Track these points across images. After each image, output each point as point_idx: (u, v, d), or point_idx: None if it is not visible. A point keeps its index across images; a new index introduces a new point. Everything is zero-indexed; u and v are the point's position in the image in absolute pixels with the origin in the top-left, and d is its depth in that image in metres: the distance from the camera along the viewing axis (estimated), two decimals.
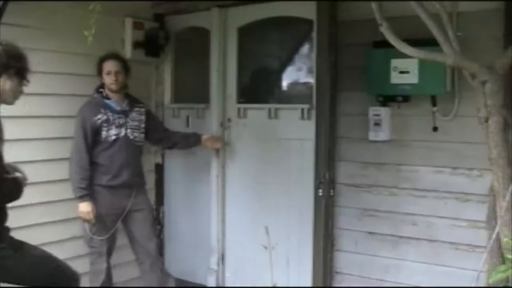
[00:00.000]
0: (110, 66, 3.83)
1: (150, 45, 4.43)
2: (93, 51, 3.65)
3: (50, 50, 3.78)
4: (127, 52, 4.31)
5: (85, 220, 3.70)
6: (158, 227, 4.69)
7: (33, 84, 3.66)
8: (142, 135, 3.95)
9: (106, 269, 3.79)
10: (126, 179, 3.83)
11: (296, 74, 4.39)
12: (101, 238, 3.76)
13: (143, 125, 3.95)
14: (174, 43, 4.65)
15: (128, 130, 3.81)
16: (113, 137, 3.75)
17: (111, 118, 3.76)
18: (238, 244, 4.37)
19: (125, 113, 3.84)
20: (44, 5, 3.68)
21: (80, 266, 3.94)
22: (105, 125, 3.73)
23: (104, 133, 3.72)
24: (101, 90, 3.83)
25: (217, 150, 4.35)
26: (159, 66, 4.65)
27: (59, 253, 3.85)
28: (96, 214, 3.71)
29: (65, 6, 3.78)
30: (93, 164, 3.73)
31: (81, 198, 3.66)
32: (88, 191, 3.68)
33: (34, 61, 3.67)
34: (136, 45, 4.34)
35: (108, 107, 3.78)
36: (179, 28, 4.64)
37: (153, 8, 4.55)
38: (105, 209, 3.76)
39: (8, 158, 3.56)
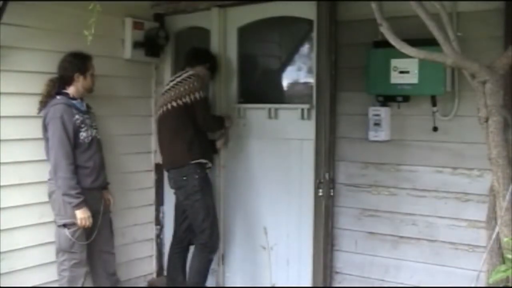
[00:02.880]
0: (93, 66, 3.73)
1: (150, 45, 4.42)
2: (93, 51, 3.65)
3: (50, 50, 3.77)
4: (127, 52, 4.31)
5: (83, 226, 3.54)
6: (158, 227, 4.70)
7: (33, 84, 3.69)
8: None
9: (85, 273, 3.64)
10: (103, 180, 3.78)
11: (296, 74, 4.39)
12: (84, 243, 3.60)
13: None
14: (174, 43, 4.65)
15: (94, 131, 3.71)
16: (90, 138, 3.63)
17: (82, 119, 3.63)
18: (238, 244, 4.37)
19: (87, 114, 3.72)
20: (44, 5, 3.68)
21: None
22: (82, 126, 3.60)
23: (82, 135, 3.59)
24: (65, 91, 3.62)
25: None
26: (159, 66, 4.64)
27: None
28: None
29: (65, 6, 3.78)
30: (75, 167, 3.57)
31: (79, 205, 3.50)
32: (83, 196, 3.53)
33: (34, 61, 3.73)
34: (136, 45, 4.33)
35: (76, 108, 3.62)
36: (179, 28, 4.64)
37: (153, 8, 4.55)
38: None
39: (8, 158, 3.58)
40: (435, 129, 3.41)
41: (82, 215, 3.51)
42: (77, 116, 3.59)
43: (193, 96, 3.88)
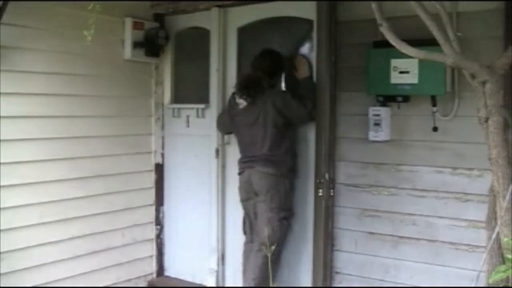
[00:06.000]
0: None
1: (150, 45, 4.43)
2: (93, 51, 3.65)
3: (50, 50, 3.77)
4: (127, 52, 4.31)
5: None
6: (158, 227, 4.70)
7: (33, 84, 3.69)
8: None
9: None
10: None
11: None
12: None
13: None
14: (174, 43, 4.65)
15: None
16: None
17: None
18: (238, 244, 4.37)
19: None
20: (44, 5, 3.68)
21: (78, 267, 3.97)
22: None
23: None
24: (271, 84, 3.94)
25: (217, 150, 4.35)
26: (159, 66, 4.65)
27: (59, 253, 3.89)
28: None
29: (65, 6, 3.78)
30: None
31: None
32: None
33: (34, 61, 3.73)
34: (136, 45, 4.34)
35: None
36: (179, 28, 4.64)
37: (153, 8, 4.55)
38: None
39: (8, 158, 3.58)
40: (435, 129, 3.41)
41: None
42: None
43: None
